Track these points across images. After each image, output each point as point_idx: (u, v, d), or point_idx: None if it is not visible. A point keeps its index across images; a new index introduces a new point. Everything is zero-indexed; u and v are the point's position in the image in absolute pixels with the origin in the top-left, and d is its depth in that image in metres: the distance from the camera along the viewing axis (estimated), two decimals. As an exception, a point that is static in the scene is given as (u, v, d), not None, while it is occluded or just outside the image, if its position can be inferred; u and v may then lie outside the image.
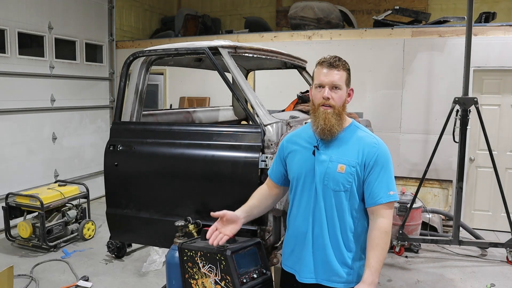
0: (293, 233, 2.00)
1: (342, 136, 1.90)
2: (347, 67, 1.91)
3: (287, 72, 4.48)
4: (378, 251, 1.81)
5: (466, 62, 4.31)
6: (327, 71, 1.87)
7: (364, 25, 7.57)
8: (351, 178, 1.84)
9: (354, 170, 1.84)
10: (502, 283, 3.99)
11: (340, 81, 1.87)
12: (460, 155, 4.39)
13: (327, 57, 1.90)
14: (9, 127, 5.34)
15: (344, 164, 1.85)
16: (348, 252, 1.89)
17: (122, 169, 2.95)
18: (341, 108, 1.88)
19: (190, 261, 2.17)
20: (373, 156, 1.85)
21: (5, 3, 5.19)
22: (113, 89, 7.04)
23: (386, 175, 1.85)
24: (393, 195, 1.85)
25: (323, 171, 1.87)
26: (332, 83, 1.86)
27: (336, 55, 1.94)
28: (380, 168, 1.85)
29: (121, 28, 7.67)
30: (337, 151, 1.88)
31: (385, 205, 1.84)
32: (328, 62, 1.88)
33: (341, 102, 1.88)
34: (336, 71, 1.86)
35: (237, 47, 2.89)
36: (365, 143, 1.88)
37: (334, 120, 1.85)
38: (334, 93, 1.87)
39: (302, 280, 1.94)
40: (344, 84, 1.88)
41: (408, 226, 4.59)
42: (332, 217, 1.87)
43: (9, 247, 4.76)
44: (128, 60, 3.05)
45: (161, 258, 4.22)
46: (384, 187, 1.84)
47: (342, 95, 1.88)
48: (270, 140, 2.55)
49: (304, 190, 1.94)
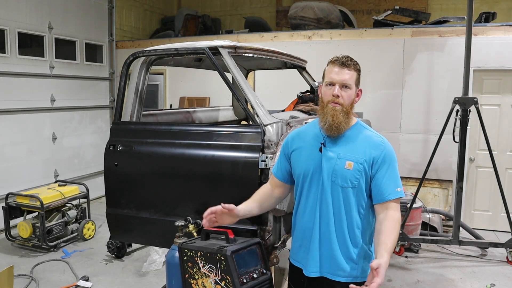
0: (300, 228, 2.04)
1: (349, 134, 1.94)
2: (358, 68, 1.95)
3: (287, 72, 4.48)
4: (394, 235, 1.83)
5: (466, 62, 4.31)
6: (338, 70, 1.90)
7: (364, 25, 7.58)
8: (359, 175, 1.88)
9: (361, 167, 1.88)
10: (502, 283, 3.99)
11: (350, 80, 1.90)
12: (460, 155, 4.39)
13: (339, 56, 1.94)
14: (9, 127, 5.34)
15: (352, 161, 1.89)
16: (354, 248, 1.93)
17: (122, 169, 2.95)
18: (349, 107, 1.92)
19: (190, 261, 2.17)
20: (381, 154, 1.90)
21: (5, 3, 5.19)
22: (113, 89, 7.04)
23: (393, 172, 1.91)
24: (400, 191, 1.91)
25: (331, 167, 1.91)
26: (342, 82, 1.90)
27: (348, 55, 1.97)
28: (388, 166, 1.90)
29: (121, 28, 7.67)
30: (344, 149, 1.92)
31: (393, 201, 1.89)
32: (341, 61, 1.92)
33: (349, 101, 1.92)
34: (348, 70, 1.90)
35: (237, 47, 2.89)
36: (372, 141, 1.93)
37: (342, 118, 1.89)
38: (344, 92, 1.90)
39: (309, 274, 1.99)
40: (354, 84, 1.93)
41: (408, 226, 4.59)
42: (339, 213, 1.91)
43: (9, 247, 4.76)
44: (128, 60, 3.05)
45: (161, 258, 4.22)
46: (392, 184, 1.89)
47: (351, 94, 1.92)
48: (270, 140, 2.55)
49: (311, 186, 1.97)
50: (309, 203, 1.98)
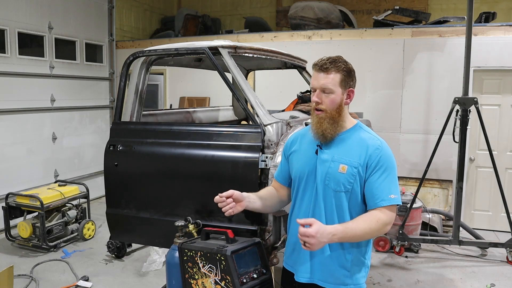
0: (294, 232, 1.98)
1: (345, 137, 1.88)
2: (343, 68, 1.83)
3: (287, 72, 4.48)
4: (359, 222, 1.76)
5: (466, 62, 4.31)
6: (317, 75, 1.85)
7: (364, 25, 7.58)
8: (352, 179, 1.82)
9: (356, 171, 1.81)
10: (502, 283, 3.99)
11: (330, 84, 1.82)
12: (460, 155, 4.39)
13: (320, 60, 1.87)
14: (9, 127, 5.34)
15: (346, 164, 1.82)
16: (348, 255, 1.87)
17: (122, 169, 2.95)
18: (334, 112, 1.84)
19: (190, 261, 2.17)
20: (376, 158, 1.81)
21: (5, 3, 5.19)
22: (113, 89, 7.04)
23: (388, 177, 1.81)
24: (395, 199, 1.80)
25: (325, 171, 1.86)
26: (321, 87, 1.84)
27: (336, 55, 1.89)
28: (383, 171, 1.81)
29: (121, 28, 7.67)
30: (339, 151, 1.86)
31: (386, 208, 1.80)
32: (319, 65, 1.84)
33: (333, 106, 1.84)
34: (327, 74, 1.82)
35: (237, 47, 2.89)
36: (369, 144, 1.84)
37: (326, 125, 1.83)
38: (326, 96, 1.84)
39: (299, 280, 1.95)
40: (338, 87, 1.83)
41: (408, 226, 4.59)
42: (332, 217, 1.85)
43: (9, 247, 4.76)
44: (128, 60, 3.05)
45: (161, 258, 4.22)
46: (385, 190, 1.80)
47: (335, 98, 1.84)
48: (270, 140, 2.55)
49: (306, 189, 1.93)
50: (303, 206, 1.94)
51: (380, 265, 4.41)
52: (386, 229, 1.82)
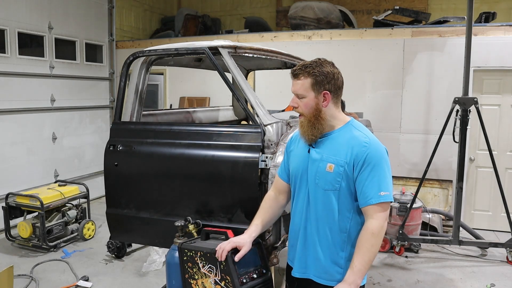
0: (292, 229, 2.06)
1: (335, 136, 1.90)
2: (313, 72, 1.84)
3: (287, 72, 4.45)
4: (362, 252, 1.80)
5: (466, 62, 4.31)
6: (292, 81, 1.93)
7: (364, 25, 7.58)
8: (340, 178, 1.83)
9: (342, 170, 1.82)
10: (502, 283, 3.99)
11: (301, 90, 1.88)
12: (460, 155, 4.39)
13: (296, 66, 1.93)
14: (9, 127, 5.34)
15: (333, 163, 1.84)
16: (341, 252, 1.89)
17: (122, 169, 2.95)
18: (311, 115, 1.88)
19: (190, 261, 2.17)
20: (363, 155, 1.80)
21: (5, 3, 5.19)
22: (113, 89, 7.04)
23: (377, 175, 1.79)
24: (385, 196, 1.78)
25: (315, 170, 1.90)
26: (295, 93, 1.91)
27: (318, 58, 1.92)
28: (371, 168, 1.79)
29: (121, 28, 7.67)
30: (328, 151, 1.89)
31: (376, 205, 1.79)
32: (292, 71, 1.92)
33: (308, 109, 1.88)
34: (297, 80, 1.89)
35: (237, 47, 2.89)
36: (356, 142, 1.84)
37: (306, 128, 1.90)
38: (301, 101, 1.90)
39: (294, 274, 2.01)
40: (310, 91, 1.86)
41: (408, 226, 4.59)
42: (323, 216, 1.89)
43: (9, 247, 4.76)
44: (128, 60, 3.05)
45: (161, 258, 4.22)
46: (374, 187, 1.78)
47: (308, 102, 1.87)
48: (270, 140, 2.55)
49: (301, 188, 1.98)
50: (299, 204, 1.99)
51: (380, 265, 4.41)
52: (383, 230, 1.82)
